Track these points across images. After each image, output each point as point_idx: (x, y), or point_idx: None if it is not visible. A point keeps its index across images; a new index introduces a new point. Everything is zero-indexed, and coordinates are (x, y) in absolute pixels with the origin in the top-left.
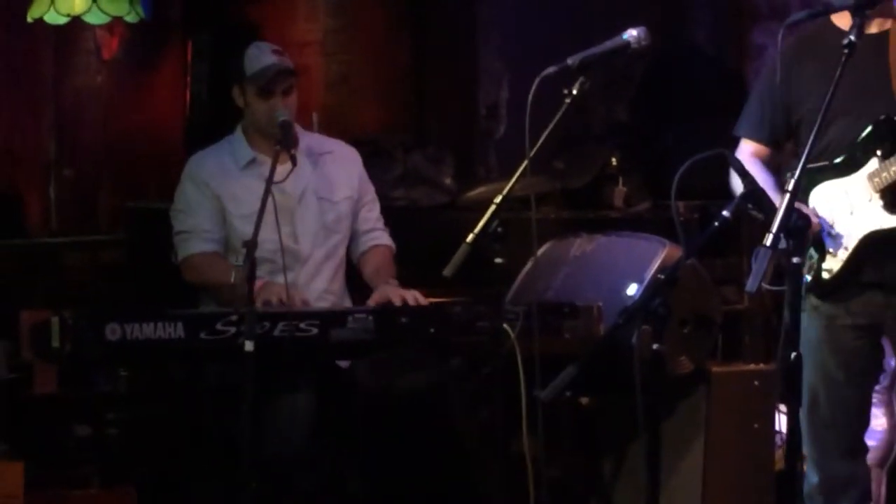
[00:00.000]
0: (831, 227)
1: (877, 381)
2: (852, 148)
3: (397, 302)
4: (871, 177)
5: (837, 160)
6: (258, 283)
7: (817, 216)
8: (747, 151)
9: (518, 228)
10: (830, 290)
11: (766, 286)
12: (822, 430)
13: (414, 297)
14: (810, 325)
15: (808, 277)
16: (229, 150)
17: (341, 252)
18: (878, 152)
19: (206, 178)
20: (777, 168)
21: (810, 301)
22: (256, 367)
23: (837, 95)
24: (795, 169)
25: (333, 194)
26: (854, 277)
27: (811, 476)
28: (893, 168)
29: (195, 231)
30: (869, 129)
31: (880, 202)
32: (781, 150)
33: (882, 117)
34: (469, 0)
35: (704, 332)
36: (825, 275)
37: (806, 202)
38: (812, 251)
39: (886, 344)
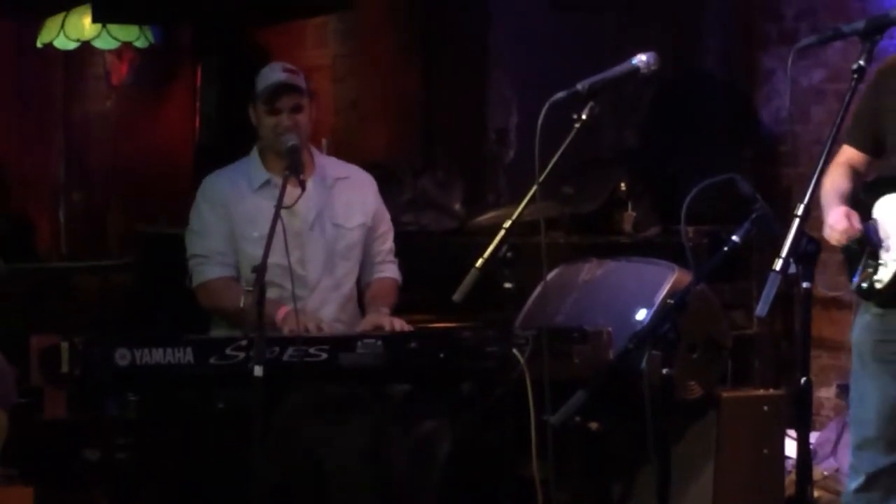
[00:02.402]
0: (887, 238)
1: None
2: None
3: (385, 328)
4: None
5: None
6: (281, 312)
7: (858, 224)
8: (843, 155)
9: (527, 253)
10: (886, 300)
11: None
12: (870, 443)
13: (400, 324)
14: (866, 336)
15: (865, 286)
16: (245, 171)
17: (350, 281)
18: None
19: (221, 198)
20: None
21: (870, 310)
22: (266, 392)
23: None
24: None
25: (347, 221)
26: None
27: (851, 482)
28: None
29: (210, 255)
30: None
31: None
32: (879, 158)
33: None
34: (479, 25)
35: (714, 357)
36: (878, 285)
37: (870, 213)
38: (870, 261)
39: None
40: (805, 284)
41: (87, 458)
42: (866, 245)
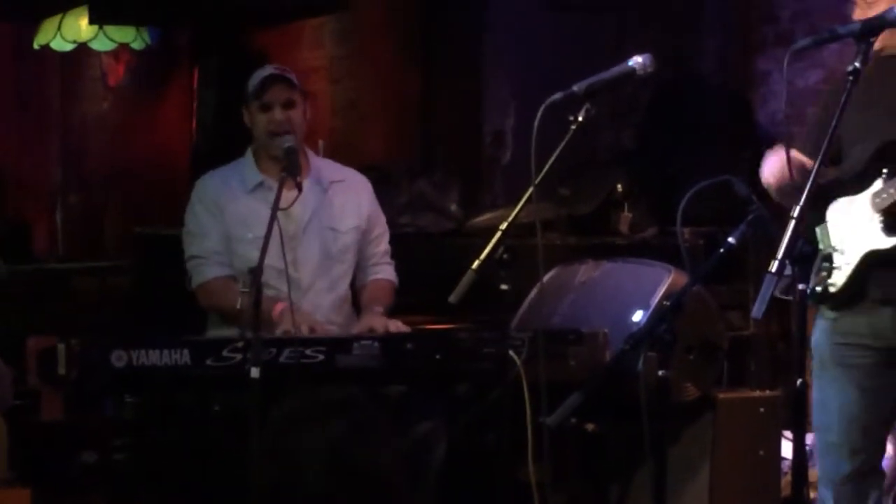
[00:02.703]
0: (840, 242)
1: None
2: (864, 167)
3: (379, 330)
4: (873, 197)
5: (852, 178)
6: (277, 308)
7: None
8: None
9: (524, 255)
10: (840, 303)
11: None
12: (833, 449)
13: (395, 325)
14: (824, 340)
15: (819, 289)
16: (238, 173)
17: (344, 284)
18: (884, 172)
19: (215, 199)
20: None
21: (826, 314)
22: (263, 393)
23: (863, 117)
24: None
25: (341, 224)
26: (861, 294)
27: (824, 496)
28: (892, 189)
29: (208, 255)
30: (875, 149)
31: (880, 222)
32: (829, 167)
33: (889, 139)
34: (476, 27)
35: (710, 359)
36: (831, 289)
37: (824, 217)
38: (824, 264)
39: None
40: (801, 286)
41: (85, 460)
42: (814, 242)
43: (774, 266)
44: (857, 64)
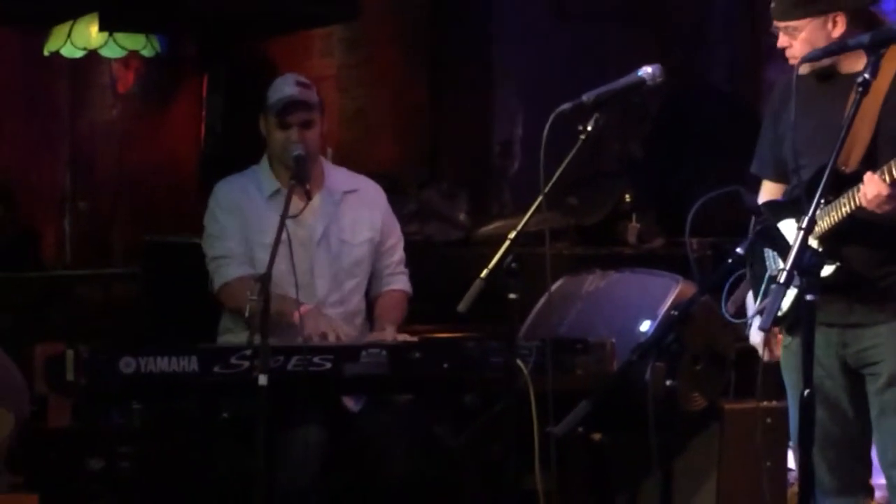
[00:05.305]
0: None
1: (867, 420)
2: (802, 192)
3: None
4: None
5: (794, 200)
6: (302, 310)
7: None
8: (764, 192)
9: (532, 264)
10: (790, 325)
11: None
12: (816, 468)
13: (403, 339)
14: (788, 363)
15: None
16: (255, 180)
17: (357, 296)
18: (822, 200)
19: (234, 203)
20: None
21: (784, 340)
22: (270, 401)
23: (812, 136)
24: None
25: (353, 236)
26: None
27: None
28: (825, 218)
29: (231, 255)
30: (812, 175)
31: (818, 248)
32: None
33: (824, 164)
34: (484, 36)
35: (717, 369)
36: (779, 312)
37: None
38: (771, 287)
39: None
40: (808, 297)
41: (92, 467)
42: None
43: (783, 277)
44: (866, 76)
